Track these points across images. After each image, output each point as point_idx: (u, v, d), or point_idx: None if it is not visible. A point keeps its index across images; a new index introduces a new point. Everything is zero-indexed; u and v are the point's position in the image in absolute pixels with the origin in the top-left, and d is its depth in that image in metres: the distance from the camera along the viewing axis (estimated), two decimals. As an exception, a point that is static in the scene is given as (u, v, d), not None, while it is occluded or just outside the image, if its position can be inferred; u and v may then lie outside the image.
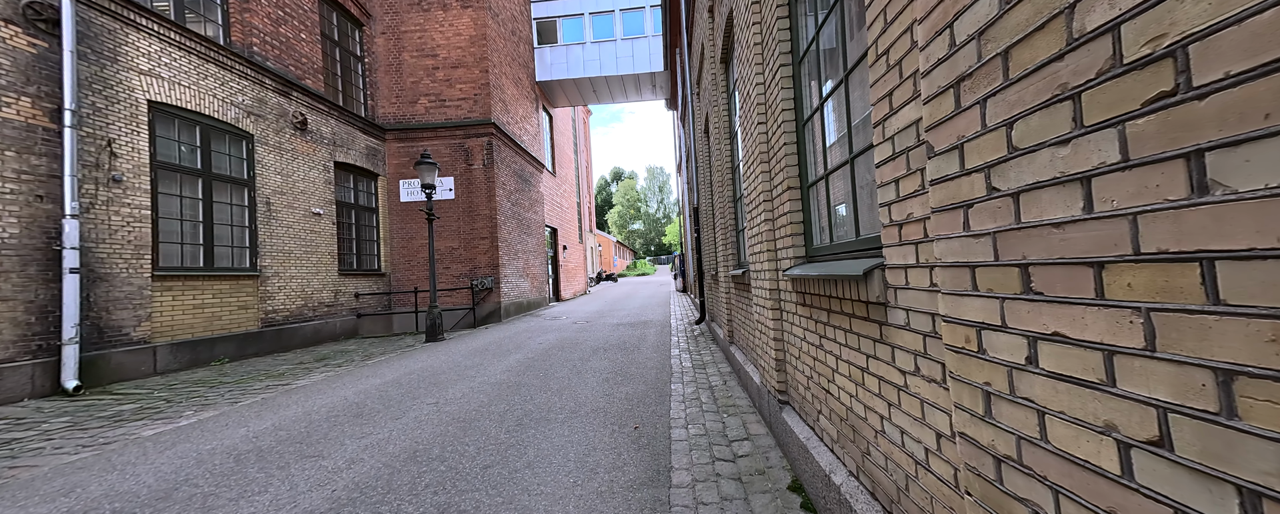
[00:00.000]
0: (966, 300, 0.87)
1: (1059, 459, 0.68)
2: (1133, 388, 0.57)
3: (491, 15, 10.81)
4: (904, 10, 1.09)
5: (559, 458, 2.57)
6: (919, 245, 1.09)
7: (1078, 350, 0.64)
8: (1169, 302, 0.52)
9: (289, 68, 7.68)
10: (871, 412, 1.43)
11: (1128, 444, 0.58)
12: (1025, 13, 0.70)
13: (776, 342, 2.51)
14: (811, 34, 1.97)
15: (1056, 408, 0.68)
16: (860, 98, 1.56)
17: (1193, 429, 0.50)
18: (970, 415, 0.88)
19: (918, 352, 1.15)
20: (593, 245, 26.29)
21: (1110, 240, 0.59)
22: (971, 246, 0.84)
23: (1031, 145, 0.70)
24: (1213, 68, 0.47)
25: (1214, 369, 0.48)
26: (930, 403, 1.11)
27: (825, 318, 1.78)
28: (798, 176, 2.19)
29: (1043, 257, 0.69)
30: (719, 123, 4.63)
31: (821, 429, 1.93)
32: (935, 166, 0.93)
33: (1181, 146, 0.50)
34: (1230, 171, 0.47)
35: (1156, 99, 0.53)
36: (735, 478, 2.21)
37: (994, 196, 0.78)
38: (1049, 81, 0.66)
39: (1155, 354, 0.54)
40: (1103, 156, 0.59)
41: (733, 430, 2.83)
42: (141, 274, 5.29)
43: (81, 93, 4.80)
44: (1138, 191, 0.55)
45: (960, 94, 0.85)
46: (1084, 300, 0.63)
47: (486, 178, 10.32)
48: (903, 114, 1.13)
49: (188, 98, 5.96)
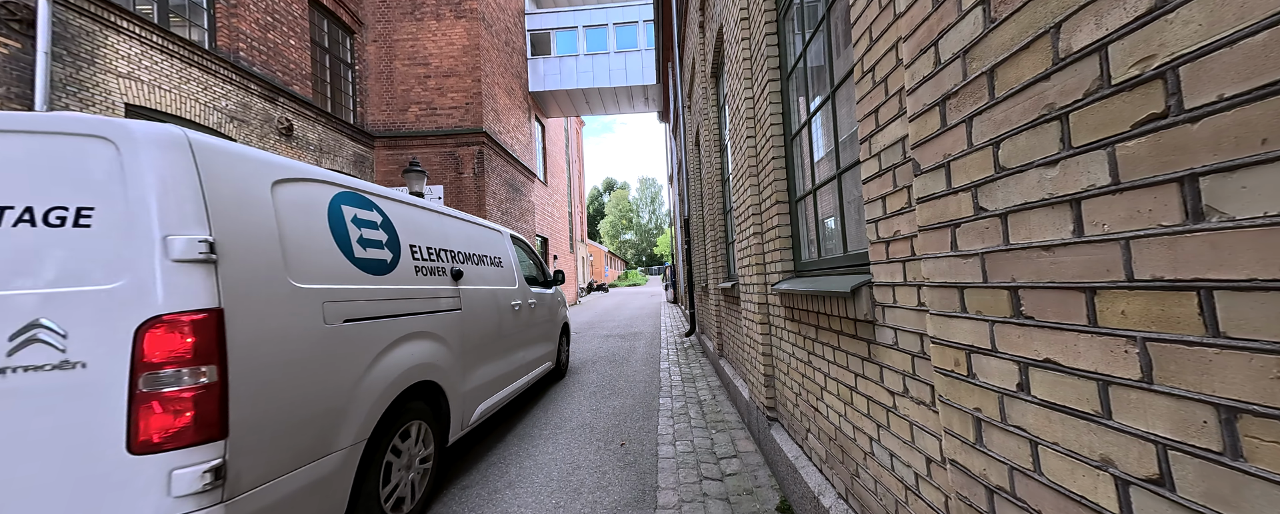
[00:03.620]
0: (955, 322, 0.84)
1: (1054, 493, 0.65)
2: (1130, 421, 0.54)
3: (485, 26, 10.86)
4: (889, 28, 1.09)
5: (541, 477, 2.48)
6: (906, 263, 1.07)
7: (1071, 379, 0.61)
8: (1166, 332, 0.50)
9: (276, 73, 7.59)
10: (860, 432, 1.40)
11: (1126, 481, 0.55)
12: (1010, 32, 0.69)
13: (765, 357, 2.48)
14: (799, 50, 1.99)
15: (1050, 438, 0.65)
16: (847, 113, 1.56)
17: (1195, 469, 0.48)
18: (961, 442, 0.85)
19: (906, 372, 1.12)
20: (584, 255, 26.19)
21: (1102, 265, 0.57)
22: (960, 267, 0.82)
23: (1019, 165, 0.68)
24: (1205, 90, 0.46)
25: (1216, 405, 0.46)
26: (920, 426, 1.08)
27: (813, 334, 1.76)
28: (786, 190, 2.19)
29: (1033, 280, 0.67)
30: (709, 136, 4.66)
31: (810, 448, 1.89)
32: (922, 184, 0.92)
33: (1174, 170, 0.49)
34: (1226, 198, 0.45)
35: (1147, 121, 0.51)
36: (723, 498, 2.15)
37: (982, 216, 0.76)
38: (1036, 101, 0.65)
39: (1153, 386, 0.51)
40: (1092, 178, 0.57)
41: (721, 448, 2.77)
42: (111, 282, 5.08)
43: (55, 94, 4.66)
44: (1130, 216, 0.53)
45: (946, 112, 0.84)
46: (1076, 327, 0.60)
47: (477, 187, 10.24)
48: (889, 131, 1.12)
49: (169, 102, 5.83)
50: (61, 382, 1.10)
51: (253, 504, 1.26)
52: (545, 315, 4.17)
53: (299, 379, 1.45)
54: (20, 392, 1.10)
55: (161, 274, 1.16)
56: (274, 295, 1.41)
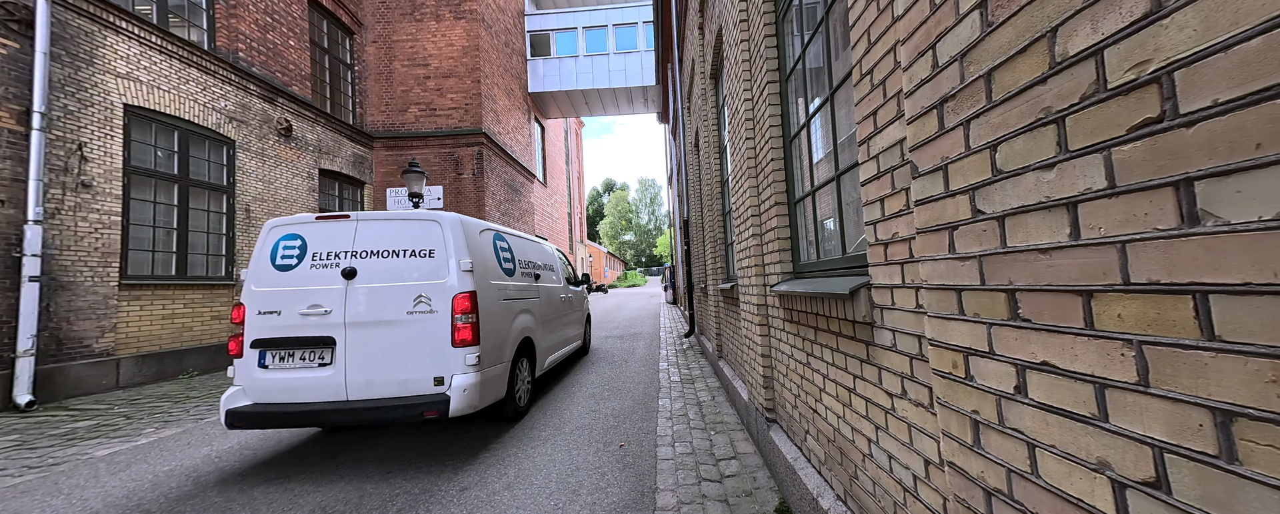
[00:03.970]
0: (953, 324, 0.84)
1: (1052, 496, 0.65)
2: (1126, 424, 0.54)
3: (485, 27, 10.87)
4: (887, 31, 1.09)
5: (540, 478, 2.48)
6: (904, 265, 1.07)
7: (1068, 382, 0.62)
8: (1162, 335, 0.50)
9: (275, 74, 7.58)
10: (858, 434, 1.40)
11: (1123, 484, 0.55)
12: (1007, 36, 0.69)
13: (764, 358, 2.48)
14: (798, 52, 1.99)
15: (1047, 441, 0.65)
16: (846, 115, 1.57)
17: (1191, 472, 0.48)
18: (959, 444, 0.85)
19: (904, 374, 1.12)
20: (583, 256, 26.17)
21: (1099, 269, 0.57)
22: (957, 269, 0.82)
23: (1016, 168, 0.69)
24: (1200, 95, 0.46)
25: (1212, 409, 0.46)
26: (918, 427, 1.08)
27: (812, 336, 1.76)
28: (785, 192, 2.19)
29: (1030, 283, 0.67)
30: (709, 137, 4.66)
31: (809, 450, 1.89)
32: (920, 187, 0.92)
33: (1169, 174, 0.49)
34: (1221, 202, 0.45)
35: (1143, 125, 0.51)
36: (722, 499, 2.15)
37: (979, 219, 0.76)
38: (1032, 105, 0.65)
39: (1149, 389, 0.52)
40: (1089, 182, 0.57)
41: (720, 449, 2.77)
42: (108, 282, 5.07)
43: (53, 95, 4.65)
44: (1126, 219, 0.54)
45: (944, 115, 0.84)
46: (1073, 330, 0.60)
47: (476, 187, 10.24)
48: (887, 133, 1.12)
49: (167, 102, 5.82)
50: (429, 317, 2.71)
51: (484, 376, 2.83)
52: (578, 304, 5.88)
53: (494, 326, 3.07)
54: (419, 321, 2.71)
55: (457, 277, 2.81)
56: (487, 286, 3.07)
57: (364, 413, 2.55)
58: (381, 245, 2.81)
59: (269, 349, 2.70)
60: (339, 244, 2.81)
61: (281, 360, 2.69)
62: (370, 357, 2.65)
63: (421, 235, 2.83)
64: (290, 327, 2.69)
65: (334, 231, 2.84)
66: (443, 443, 3.05)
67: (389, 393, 2.63)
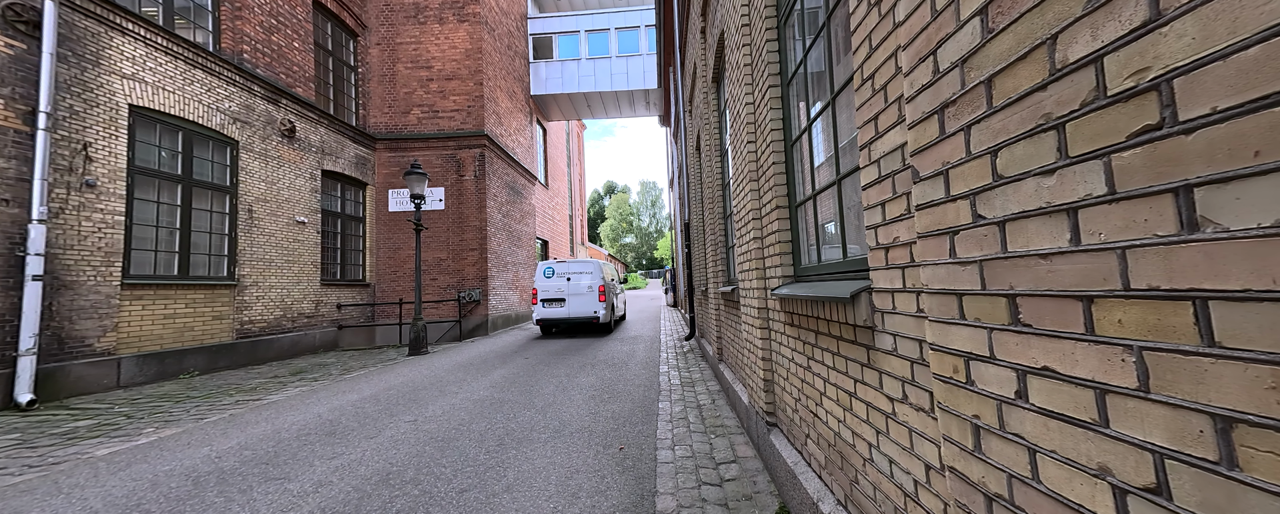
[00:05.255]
0: (954, 329, 0.84)
1: (1053, 502, 0.65)
2: (1127, 430, 0.54)
3: (488, 30, 10.92)
4: (889, 36, 1.10)
5: (540, 481, 2.47)
6: (905, 270, 1.07)
7: (1068, 387, 0.62)
8: (1162, 341, 0.50)
9: (279, 75, 7.63)
10: (859, 438, 1.40)
11: (1124, 490, 0.55)
12: (1008, 42, 0.70)
13: (764, 361, 2.48)
14: (800, 56, 2.00)
15: (1048, 446, 0.65)
16: (847, 120, 1.57)
17: (1192, 478, 0.48)
18: (960, 449, 0.85)
19: (905, 379, 1.12)
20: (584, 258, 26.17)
21: (1099, 274, 0.57)
22: (958, 274, 0.83)
23: (1017, 174, 0.69)
24: (1199, 102, 0.46)
25: (1212, 415, 0.46)
26: (919, 432, 1.08)
27: (813, 339, 1.76)
28: (786, 196, 2.20)
29: (1030, 288, 0.67)
30: (710, 140, 4.67)
31: (809, 454, 1.88)
32: (921, 191, 0.92)
33: (1169, 181, 0.49)
34: (1220, 209, 0.45)
35: (1142, 132, 0.52)
36: (721, 503, 2.14)
37: (980, 224, 0.77)
38: (1033, 111, 0.65)
39: (1149, 395, 0.52)
40: (1089, 188, 0.58)
41: (720, 453, 2.76)
42: (110, 282, 5.09)
43: (59, 95, 4.68)
44: (1125, 225, 0.54)
45: (944, 120, 0.84)
46: (1074, 335, 0.61)
47: (477, 189, 10.26)
48: (888, 138, 1.12)
49: (172, 103, 5.86)
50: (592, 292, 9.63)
51: (608, 312, 9.88)
52: (618, 291, 11.56)
53: (609, 297, 10.00)
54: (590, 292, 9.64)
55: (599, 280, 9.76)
56: (607, 282, 9.96)
57: (574, 321, 9.35)
58: (576, 269, 9.53)
59: (543, 302, 9.42)
60: (562, 269, 9.53)
61: (546, 305, 9.43)
62: (575, 304, 9.34)
63: (590, 266, 9.60)
64: (549, 293, 9.44)
65: (560, 265, 9.56)
66: (443, 442, 3.05)
67: (583, 316, 9.31)
